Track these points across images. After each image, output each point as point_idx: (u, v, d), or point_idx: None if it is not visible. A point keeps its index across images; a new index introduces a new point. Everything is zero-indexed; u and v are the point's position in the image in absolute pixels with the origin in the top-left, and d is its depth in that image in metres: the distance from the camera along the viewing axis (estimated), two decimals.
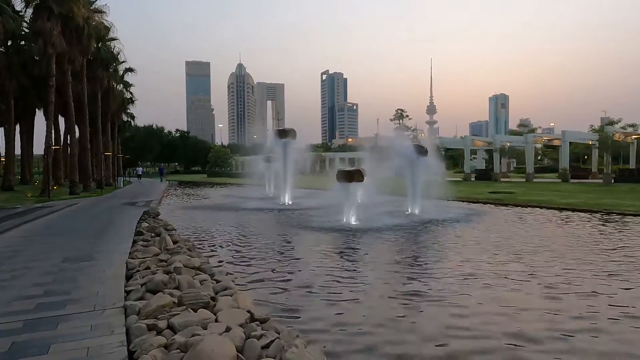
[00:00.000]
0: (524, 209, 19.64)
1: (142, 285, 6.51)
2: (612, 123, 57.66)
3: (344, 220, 15.35)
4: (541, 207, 19.69)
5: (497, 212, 18.76)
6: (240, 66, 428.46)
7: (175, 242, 9.74)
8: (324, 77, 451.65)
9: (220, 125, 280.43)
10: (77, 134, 36.73)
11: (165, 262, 8.02)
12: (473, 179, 40.55)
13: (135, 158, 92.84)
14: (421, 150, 17.86)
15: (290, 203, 23.10)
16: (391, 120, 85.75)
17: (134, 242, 10.29)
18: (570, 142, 44.78)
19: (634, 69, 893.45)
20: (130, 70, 46.35)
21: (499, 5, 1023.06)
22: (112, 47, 40.45)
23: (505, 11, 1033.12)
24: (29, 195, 25.83)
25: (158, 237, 10.87)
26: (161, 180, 54.79)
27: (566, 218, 16.18)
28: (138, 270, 7.42)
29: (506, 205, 20.97)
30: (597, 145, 38.50)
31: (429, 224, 14.86)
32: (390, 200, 19.74)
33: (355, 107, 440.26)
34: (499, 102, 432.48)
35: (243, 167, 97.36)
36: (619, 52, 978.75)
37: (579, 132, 41.40)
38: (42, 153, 27.35)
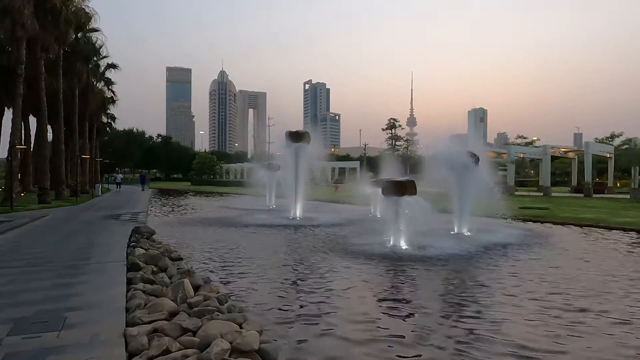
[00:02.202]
0: (581, 228, 16.83)
1: None
2: (613, 136, 56.49)
3: (391, 243, 12.21)
4: (598, 227, 16.92)
5: (559, 232, 15.80)
6: (222, 73, 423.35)
7: (196, 288, 6.31)
8: (307, 86, 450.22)
9: (201, 132, 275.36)
10: (51, 135, 32.68)
11: (193, 333, 4.66)
12: None
13: (114, 163, 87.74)
14: (473, 159, 14.85)
15: (300, 217, 19.83)
16: (383, 129, 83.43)
17: (129, 282, 6.83)
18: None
19: (605, 85, 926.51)
20: (113, 66, 42.10)
21: (478, 22, 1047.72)
22: (95, 40, 36.46)
23: (484, 28, 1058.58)
24: None
25: (163, 274, 7.47)
26: (143, 189, 46.76)
27: None
28: (151, 358, 4.05)
29: (556, 223, 18.04)
30: (613, 157, 36.55)
31: (500, 249, 11.85)
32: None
33: (337, 117, 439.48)
34: (478, 116, 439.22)
35: (229, 175, 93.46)
36: (591, 70, 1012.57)
37: (599, 144, 39.46)
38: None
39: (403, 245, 12.00)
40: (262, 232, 15.44)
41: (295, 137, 19.90)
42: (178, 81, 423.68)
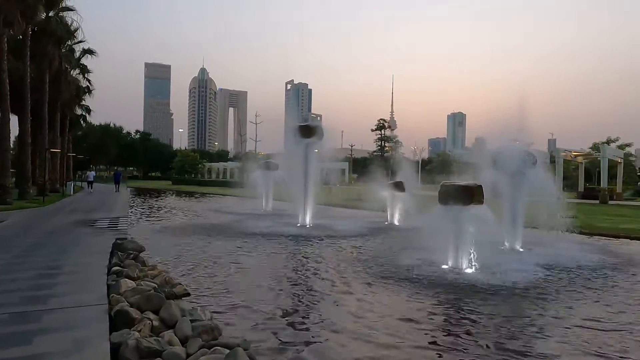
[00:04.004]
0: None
1: None
2: (609, 142, 55.68)
3: (450, 264, 9.64)
4: None
5: (631, 248, 13.43)
6: (203, 70, 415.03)
7: None
8: (289, 86, 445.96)
9: (180, 130, 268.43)
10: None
11: None
12: None
13: (89, 160, 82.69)
14: (530, 159, 12.41)
15: (311, 225, 17.12)
16: (373, 130, 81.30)
17: (115, 354, 3.95)
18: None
19: (582, 92, 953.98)
20: (89, 52, 38.10)
21: (459, 28, 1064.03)
22: (70, 23, 32.60)
23: (465, 35, 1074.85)
24: None
25: (171, 335, 4.59)
26: (117, 190, 38.41)
27: None
28: None
29: (620, 237, 15.57)
30: (623, 162, 35.09)
31: (589, 272, 9.43)
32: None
33: (319, 118, 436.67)
34: (457, 120, 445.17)
35: (211, 174, 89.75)
36: (570, 78, 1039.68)
37: (613, 148, 38.19)
38: None
39: (466, 267, 9.45)
40: (273, 246, 12.57)
41: (307, 131, 17.13)
42: (157, 77, 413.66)
